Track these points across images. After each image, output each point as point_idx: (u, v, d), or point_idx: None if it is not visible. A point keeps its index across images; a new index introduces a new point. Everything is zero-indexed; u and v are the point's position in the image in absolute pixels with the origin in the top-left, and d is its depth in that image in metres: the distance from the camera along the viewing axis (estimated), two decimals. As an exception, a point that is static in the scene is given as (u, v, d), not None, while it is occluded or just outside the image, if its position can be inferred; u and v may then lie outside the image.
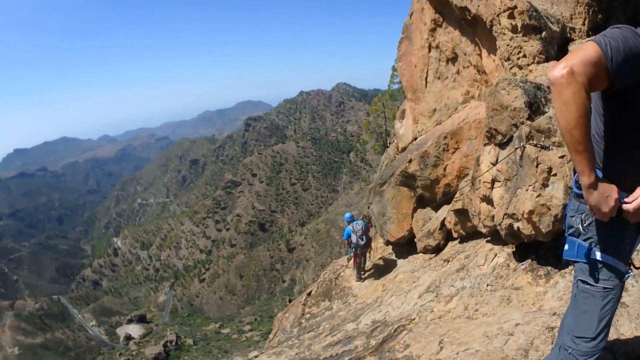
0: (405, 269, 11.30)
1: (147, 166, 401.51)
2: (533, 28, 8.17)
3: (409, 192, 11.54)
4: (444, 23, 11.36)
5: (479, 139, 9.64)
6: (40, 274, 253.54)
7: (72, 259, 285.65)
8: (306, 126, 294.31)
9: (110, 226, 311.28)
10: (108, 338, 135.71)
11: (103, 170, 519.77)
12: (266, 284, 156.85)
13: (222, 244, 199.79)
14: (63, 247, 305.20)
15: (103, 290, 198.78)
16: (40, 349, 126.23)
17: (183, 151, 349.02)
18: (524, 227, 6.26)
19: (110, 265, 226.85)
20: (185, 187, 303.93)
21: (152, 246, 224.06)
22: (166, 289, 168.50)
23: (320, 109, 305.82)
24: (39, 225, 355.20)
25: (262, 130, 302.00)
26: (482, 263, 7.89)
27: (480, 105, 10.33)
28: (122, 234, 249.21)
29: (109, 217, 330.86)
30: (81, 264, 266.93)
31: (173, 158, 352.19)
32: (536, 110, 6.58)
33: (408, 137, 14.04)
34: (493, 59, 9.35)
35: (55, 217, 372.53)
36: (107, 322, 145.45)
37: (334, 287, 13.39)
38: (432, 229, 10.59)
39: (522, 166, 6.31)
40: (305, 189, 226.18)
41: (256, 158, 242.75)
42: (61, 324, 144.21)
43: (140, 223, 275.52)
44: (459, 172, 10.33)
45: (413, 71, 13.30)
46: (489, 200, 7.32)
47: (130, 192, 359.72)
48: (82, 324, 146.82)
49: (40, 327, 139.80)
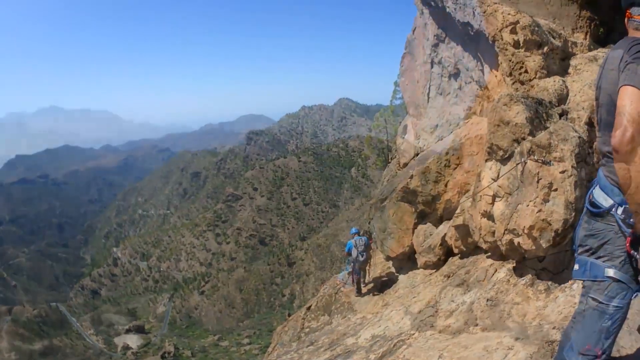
0: (406, 284, 11.28)
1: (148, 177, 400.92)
2: (535, 43, 8.20)
3: (410, 207, 11.53)
4: (446, 38, 11.41)
5: (480, 154, 9.64)
6: (39, 281, 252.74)
7: (72, 267, 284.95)
8: (308, 141, 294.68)
9: (111, 236, 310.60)
10: (106, 347, 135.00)
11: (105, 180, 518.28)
12: (266, 297, 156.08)
13: (222, 257, 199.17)
14: (63, 255, 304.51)
15: (102, 299, 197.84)
16: (37, 356, 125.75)
17: (185, 163, 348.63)
18: (525, 243, 6.26)
19: (110, 275, 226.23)
20: (186, 200, 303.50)
21: (152, 257, 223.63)
22: (165, 300, 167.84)
23: (322, 124, 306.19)
24: (39, 232, 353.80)
25: (264, 145, 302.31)
26: (483, 278, 7.86)
27: (482, 121, 10.32)
28: (122, 245, 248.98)
29: (110, 227, 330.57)
30: (81, 272, 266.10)
31: (175, 170, 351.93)
32: (537, 125, 6.59)
33: (410, 153, 14.05)
34: (495, 75, 9.37)
35: (55, 225, 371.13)
36: (105, 332, 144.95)
37: (333, 301, 13.35)
38: (433, 245, 10.57)
39: (523, 181, 6.32)
40: (306, 204, 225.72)
41: (257, 172, 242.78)
42: (59, 332, 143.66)
43: (141, 234, 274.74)
44: (460, 187, 10.33)
45: (415, 87, 13.35)
46: (490, 216, 7.30)
47: (131, 202, 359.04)
48: (80, 332, 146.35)
49: (38, 333, 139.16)
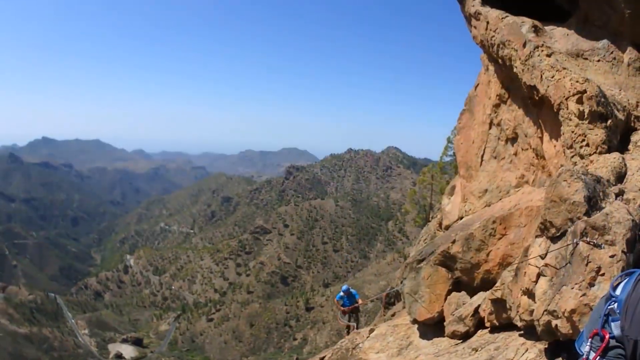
0: (429, 351, 10.74)
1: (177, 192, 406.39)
2: (600, 115, 7.84)
3: (446, 273, 11.08)
4: (509, 100, 11.10)
5: (528, 227, 9.22)
6: (41, 268, 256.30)
7: (79, 263, 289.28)
8: (349, 185, 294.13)
9: (127, 242, 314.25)
10: (97, 351, 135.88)
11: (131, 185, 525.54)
12: (276, 337, 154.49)
13: (239, 289, 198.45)
14: (72, 248, 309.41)
15: (104, 303, 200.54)
16: (22, 340, 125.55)
17: (218, 185, 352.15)
18: (563, 326, 5.87)
19: (118, 281, 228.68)
20: (213, 223, 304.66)
21: (166, 273, 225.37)
22: (170, 319, 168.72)
23: (366, 170, 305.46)
24: (52, 219, 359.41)
25: (302, 181, 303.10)
26: (512, 357, 7.44)
27: (533, 192, 9.98)
28: (137, 254, 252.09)
29: (128, 233, 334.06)
30: (87, 271, 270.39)
31: (206, 190, 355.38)
32: (594, 205, 6.24)
33: (454, 215, 13.67)
34: (554, 145, 9.04)
35: (70, 216, 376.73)
36: (100, 335, 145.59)
37: (349, 356, 12.87)
38: (465, 315, 10.07)
39: (571, 263, 5.95)
40: (336, 250, 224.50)
41: (292, 209, 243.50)
42: (51, 323, 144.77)
43: (159, 247, 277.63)
44: (502, 259, 9.87)
45: (470, 147, 13.04)
46: (531, 294, 6.88)
47: (154, 213, 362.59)
48: (73, 329, 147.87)
49: (29, 318, 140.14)
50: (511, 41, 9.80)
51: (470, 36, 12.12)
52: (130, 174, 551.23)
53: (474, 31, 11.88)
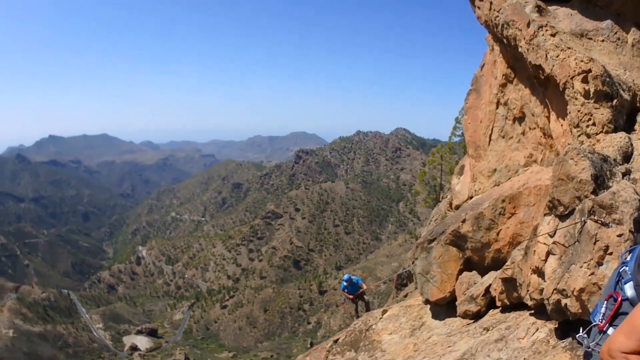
0: (441, 332, 10.82)
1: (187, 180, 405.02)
2: (605, 95, 7.83)
3: (457, 252, 11.12)
4: (515, 79, 11.07)
5: (537, 206, 9.25)
6: (53, 265, 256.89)
7: (92, 257, 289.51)
8: (359, 168, 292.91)
9: (138, 234, 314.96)
10: (112, 344, 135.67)
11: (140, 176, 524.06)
12: (290, 322, 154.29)
13: (252, 274, 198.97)
14: (84, 244, 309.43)
15: (117, 295, 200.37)
16: (37, 338, 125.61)
17: (227, 172, 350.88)
18: (572, 305, 5.90)
19: (131, 273, 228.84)
20: (224, 210, 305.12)
21: (178, 262, 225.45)
22: (184, 308, 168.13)
23: (375, 152, 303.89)
24: (62, 216, 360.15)
25: (312, 165, 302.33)
26: (523, 336, 7.46)
27: (541, 171, 9.98)
28: (149, 244, 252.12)
29: (139, 224, 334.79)
30: (100, 264, 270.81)
31: (216, 177, 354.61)
32: (601, 184, 6.23)
33: (463, 195, 13.69)
34: (561, 124, 9.01)
35: (81, 212, 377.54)
36: (115, 328, 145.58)
37: (362, 338, 12.96)
38: (476, 294, 10.12)
39: (579, 241, 5.95)
40: (347, 233, 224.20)
41: (302, 192, 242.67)
42: (65, 319, 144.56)
43: (170, 237, 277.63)
44: (512, 238, 9.91)
45: (478, 126, 13.02)
46: (541, 273, 6.91)
47: (165, 203, 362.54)
48: (87, 323, 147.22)
49: (43, 316, 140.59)
50: (515, 21, 9.76)
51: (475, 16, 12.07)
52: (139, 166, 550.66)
53: (477, 11, 11.81)
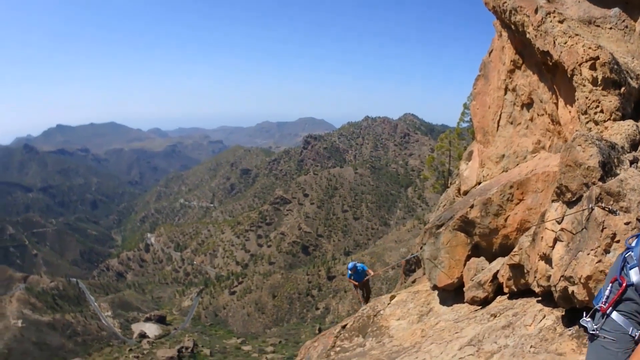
0: (448, 317, 10.87)
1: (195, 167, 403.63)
2: (613, 82, 7.79)
3: (465, 238, 11.13)
4: (523, 65, 11.04)
5: (545, 192, 9.27)
6: (62, 254, 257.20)
7: (100, 246, 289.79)
8: (367, 153, 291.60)
9: (147, 221, 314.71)
10: (121, 332, 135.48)
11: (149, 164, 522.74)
12: (298, 308, 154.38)
13: (261, 260, 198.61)
14: (92, 232, 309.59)
15: (126, 283, 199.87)
16: (45, 327, 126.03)
17: (236, 158, 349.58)
18: (579, 292, 5.91)
19: (139, 260, 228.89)
20: (232, 196, 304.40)
21: (187, 249, 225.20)
22: (193, 294, 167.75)
23: (384, 138, 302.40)
24: (70, 205, 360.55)
25: (321, 150, 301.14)
26: (530, 323, 7.48)
27: (549, 157, 9.97)
28: (158, 231, 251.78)
29: (147, 211, 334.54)
30: (108, 252, 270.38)
31: (224, 164, 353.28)
32: (608, 171, 6.22)
33: (472, 181, 13.70)
34: (569, 110, 8.99)
35: (89, 200, 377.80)
36: (124, 316, 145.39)
37: (371, 323, 13.04)
38: (483, 281, 10.15)
39: (586, 228, 5.95)
40: (356, 218, 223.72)
41: (311, 178, 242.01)
42: (74, 308, 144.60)
43: (179, 224, 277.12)
44: (520, 225, 9.92)
45: (486, 112, 13.00)
46: (548, 260, 6.93)
47: (173, 190, 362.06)
48: (96, 312, 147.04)
49: (51, 306, 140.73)
50: (523, 7, 9.71)
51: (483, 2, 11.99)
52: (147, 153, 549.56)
53: (485, -3, 11.75)
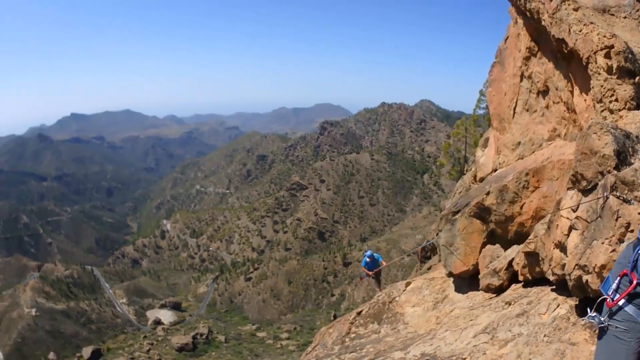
0: (463, 305, 10.92)
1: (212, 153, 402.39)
2: (628, 71, 7.76)
3: (481, 225, 11.15)
4: (538, 52, 10.99)
5: (560, 180, 9.28)
6: (77, 242, 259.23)
7: (115, 233, 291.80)
8: (383, 139, 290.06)
9: (163, 207, 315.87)
10: (136, 319, 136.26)
11: (165, 150, 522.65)
12: (314, 294, 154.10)
13: (277, 246, 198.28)
14: (108, 219, 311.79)
15: (142, 270, 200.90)
16: (59, 315, 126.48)
17: (252, 144, 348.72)
18: (593, 282, 5.93)
19: (155, 247, 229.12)
20: (249, 182, 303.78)
21: (203, 235, 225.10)
22: (209, 281, 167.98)
23: (400, 124, 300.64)
24: (85, 193, 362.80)
25: (337, 136, 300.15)
26: (544, 312, 7.51)
27: (565, 145, 9.95)
28: (174, 218, 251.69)
29: (163, 198, 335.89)
30: (124, 239, 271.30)
31: (240, 150, 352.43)
32: (623, 160, 6.21)
33: (488, 168, 13.70)
34: (584, 99, 8.96)
35: (104, 188, 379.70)
36: (139, 303, 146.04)
37: (386, 310, 13.11)
38: (499, 268, 10.18)
39: (601, 217, 5.95)
40: (372, 204, 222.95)
41: (327, 164, 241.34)
42: (88, 295, 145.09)
43: (195, 210, 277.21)
44: (535, 212, 9.94)
45: (502, 99, 12.97)
46: (563, 248, 6.94)
47: (189, 176, 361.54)
48: (111, 299, 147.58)
49: (66, 294, 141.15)
50: (538, -6, 9.66)
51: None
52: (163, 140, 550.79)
53: (501, -17, 11.69)
